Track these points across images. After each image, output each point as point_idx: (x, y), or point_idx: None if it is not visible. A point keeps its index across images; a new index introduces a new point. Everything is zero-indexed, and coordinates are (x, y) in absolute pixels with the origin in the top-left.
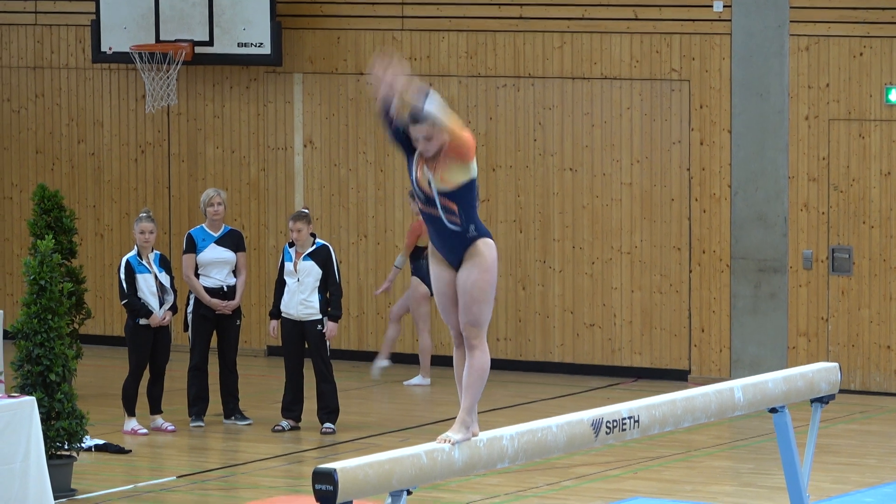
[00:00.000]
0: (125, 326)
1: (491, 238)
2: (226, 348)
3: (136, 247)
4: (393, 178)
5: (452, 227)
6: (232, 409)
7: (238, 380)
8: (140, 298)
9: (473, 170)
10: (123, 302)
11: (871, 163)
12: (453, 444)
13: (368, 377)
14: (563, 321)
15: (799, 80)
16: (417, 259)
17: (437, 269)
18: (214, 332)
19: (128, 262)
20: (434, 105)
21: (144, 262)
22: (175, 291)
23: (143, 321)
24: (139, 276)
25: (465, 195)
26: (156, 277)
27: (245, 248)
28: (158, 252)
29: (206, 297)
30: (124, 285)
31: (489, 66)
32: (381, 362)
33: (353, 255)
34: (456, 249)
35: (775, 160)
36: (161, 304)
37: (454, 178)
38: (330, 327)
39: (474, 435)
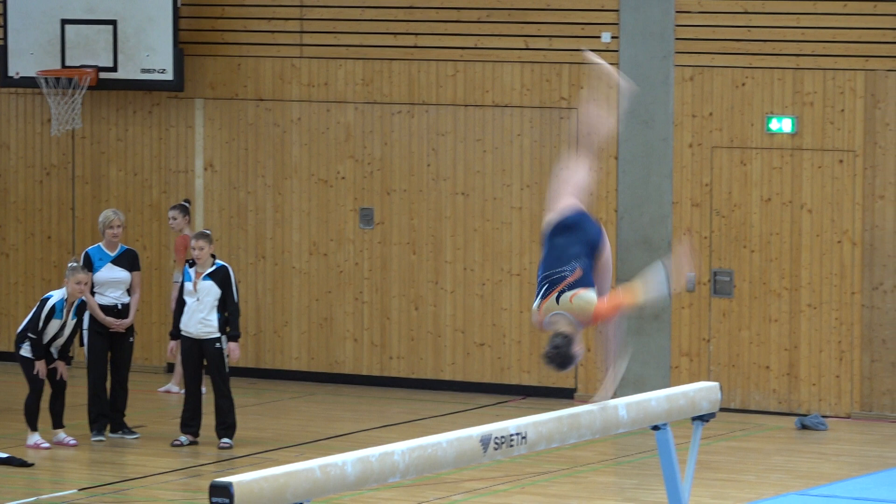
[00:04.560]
0: (20, 356)
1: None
2: (119, 365)
3: (64, 291)
4: (290, 200)
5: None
6: (118, 423)
7: (128, 396)
8: (42, 340)
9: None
10: (31, 338)
11: (752, 189)
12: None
13: (266, 393)
14: (455, 340)
15: (683, 108)
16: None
17: None
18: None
19: (53, 306)
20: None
21: (64, 309)
22: (77, 332)
23: (31, 358)
24: (53, 321)
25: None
26: (63, 326)
27: (140, 268)
28: (82, 297)
29: (101, 315)
30: (40, 323)
31: (385, 93)
32: None
33: (252, 275)
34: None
35: (660, 186)
36: (56, 351)
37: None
38: (231, 348)
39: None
